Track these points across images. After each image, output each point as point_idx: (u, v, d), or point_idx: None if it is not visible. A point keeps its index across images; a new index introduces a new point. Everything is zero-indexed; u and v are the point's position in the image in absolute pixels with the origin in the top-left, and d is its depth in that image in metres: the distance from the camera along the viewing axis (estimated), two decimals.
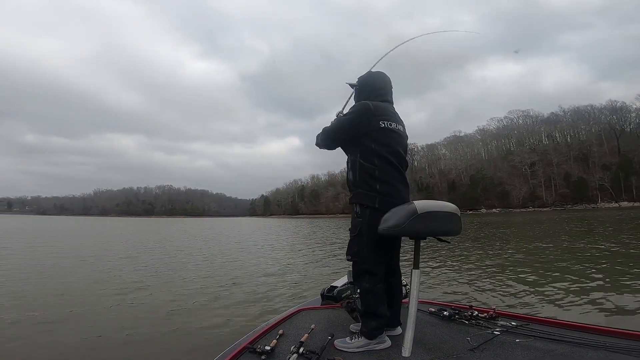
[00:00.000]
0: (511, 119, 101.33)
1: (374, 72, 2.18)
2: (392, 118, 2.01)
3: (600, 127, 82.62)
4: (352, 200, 2.00)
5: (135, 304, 5.12)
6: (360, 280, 1.92)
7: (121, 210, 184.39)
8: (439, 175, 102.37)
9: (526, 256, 9.04)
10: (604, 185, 70.89)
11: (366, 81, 2.14)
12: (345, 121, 2.02)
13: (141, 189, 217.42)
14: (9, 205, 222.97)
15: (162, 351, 3.45)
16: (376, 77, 2.14)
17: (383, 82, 2.13)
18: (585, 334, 1.80)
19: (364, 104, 1.98)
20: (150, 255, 11.40)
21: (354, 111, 2.00)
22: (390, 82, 2.17)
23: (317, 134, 2.16)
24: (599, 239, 12.37)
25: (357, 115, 1.97)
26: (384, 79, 2.15)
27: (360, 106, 1.99)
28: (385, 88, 2.12)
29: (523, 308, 4.44)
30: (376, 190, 1.90)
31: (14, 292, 5.75)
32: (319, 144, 2.17)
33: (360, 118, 1.95)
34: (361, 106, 1.98)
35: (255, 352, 1.67)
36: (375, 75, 2.16)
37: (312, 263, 9.28)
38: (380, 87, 2.11)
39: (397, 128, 2.02)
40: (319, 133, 2.14)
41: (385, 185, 1.91)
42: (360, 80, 2.17)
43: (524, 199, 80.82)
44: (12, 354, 3.35)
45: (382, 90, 2.11)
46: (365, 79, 2.15)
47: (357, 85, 2.17)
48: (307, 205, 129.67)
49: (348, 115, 2.01)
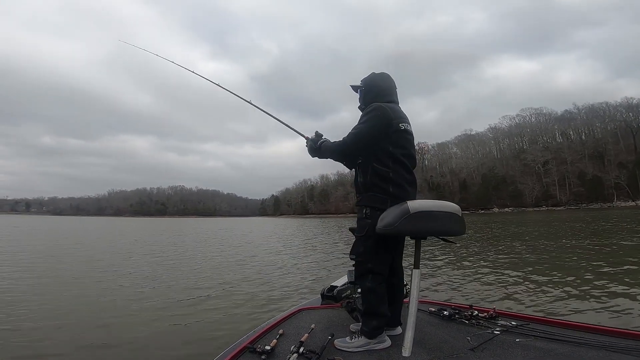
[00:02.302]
0: (523, 117, 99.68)
1: (378, 73, 2.16)
2: (405, 119, 2.03)
3: (616, 124, 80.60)
4: (361, 202, 2.01)
5: (135, 305, 5.13)
6: (364, 279, 1.92)
7: (135, 211, 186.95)
8: (450, 174, 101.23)
9: (527, 255, 8.92)
10: (620, 184, 69.19)
11: (372, 82, 2.13)
12: (368, 128, 1.96)
13: (154, 190, 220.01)
14: (27, 206, 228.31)
15: (162, 351, 3.45)
16: (381, 78, 2.14)
17: (388, 83, 2.13)
18: (585, 334, 1.80)
19: (381, 108, 1.97)
20: (162, 255, 11.56)
21: (373, 116, 1.95)
22: (394, 82, 2.16)
23: (333, 149, 2.11)
24: (607, 238, 12.13)
25: (378, 119, 1.94)
26: (389, 79, 2.14)
27: (378, 110, 1.96)
28: (390, 89, 2.12)
29: (523, 308, 4.39)
30: (389, 193, 1.92)
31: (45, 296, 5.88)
32: (340, 159, 2.16)
33: (381, 121, 1.94)
34: (379, 110, 1.96)
35: (256, 352, 1.68)
36: (380, 76, 2.15)
37: (312, 263, 9.26)
38: (387, 87, 2.11)
39: (410, 129, 2.04)
40: (335, 148, 2.09)
41: (398, 188, 1.93)
42: (365, 82, 2.15)
43: (537, 198, 79.44)
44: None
45: (388, 90, 2.11)
46: (370, 80, 2.14)
47: (363, 87, 2.16)
48: (316, 204, 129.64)
49: (368, 122, 1.96)
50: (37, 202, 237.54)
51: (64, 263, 9.21)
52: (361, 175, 2.03)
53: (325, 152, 2.13)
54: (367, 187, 1.98)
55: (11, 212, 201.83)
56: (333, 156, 2.12)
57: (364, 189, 2.00)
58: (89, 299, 5.38)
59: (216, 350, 1.77)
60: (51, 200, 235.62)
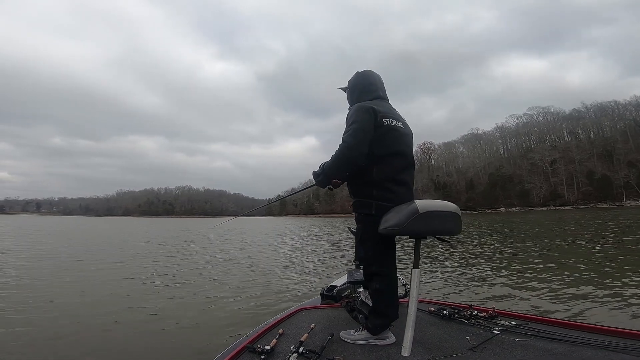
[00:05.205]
0: (531, 116, 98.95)
1: (361, 71, 2.12)
2: (391, 115, 1.92)
3: (626, 123, 79.54)
4: (352, 207, 1.99)
5: (134, 303, 5.17)
6: (370, 282, 1.92)
7: (143, 211, 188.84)
8: (456, 173, 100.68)
9: (527, 255, 8.88)
10: (630, 183, 68.21)
11: (355, 81, 2.10)
12: (361, 123, 1.83)
13: (162, 190, 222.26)
14: (37, 206, 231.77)
15: (162, 351, 3.46)
16: (364, 76, 2.09)
17: (372, 79, 2.08)
18: (585, 333, 1.78)
19: (361, 105, 1.90)
20: (169, 254, 11.64)
21: (358, 112, 1.85)
22: (380, 78, 2.11)
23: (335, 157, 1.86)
24: (610, 238, 12.03)
25: (363, 113, 1.84)
26: (372, 76, 2.09)
27: (360, 108, 1.87)
28: (375, 84, 2.06)
29: (523, 307, 4.37)
30: (372, 196, 1.87)
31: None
32: (347, 164, 1.86)
33: (369, 115, 1.84)
34: (361, 107, 1.88)
35: (255, 352, 1.68)
36: (363, 74, 2.11)
37: (312, 263, 9.29)
38: (370, 83, 2.06)
39: (397, 125, 1.92)
40: (337, 155, 1.85)
41: (382, 191, 1.86)
42: (349, 83, 2.13)
43: (544, 197, 78.70)
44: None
45: (373, 86, 2.05)
46: (354, 79, 2.11)
47: (348, 87, 2.14)
48: (322, 204, 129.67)
49: (357, 120, 1.83)
50: (48, 202, 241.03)
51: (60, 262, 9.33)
52: (347, 180, 1.99)
53: (332, 167, 1.89)
54: (353, 192, 1.96)
55: (22, 212, 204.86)
56: (339, 164, 1.86)
57: (352, 194, 1.98)
58: (88, 299, 5.42)
59: (216, 350, 1.77)
60: (61, 201, 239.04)
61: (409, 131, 2.03)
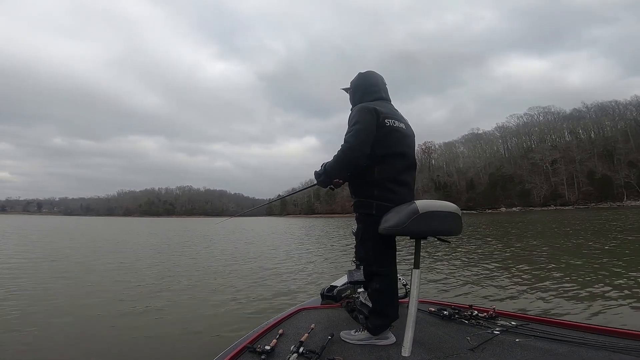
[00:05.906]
0: (531, 116, 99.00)
1: (364, 72, 2.11)
2: (393, 116, 1.92)
3: (626, 123, 79.52)
4: (353, 207, 1.99)
5: (135, 303, 5.17)
6: (370, 282, 1.92)
7: (143, 211, 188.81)
8: (457, 173, 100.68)
9: (527, 255, 8.89)
10: (630, 183, 68.16)
11: (357, 82, 2.09)
12: (363, 123, 1.82)
13: (162, 190, 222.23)
14: (38, 206, 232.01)
15: (162, 351, 3.46)
16: (366, 77, 2.09)
17: (374, 80, 2.07)
18: (585, 334, 1.78)
19: (363, 105, 1.89)
20: (172, 254, 11.65)
21: (360, 113, 1.85)
22: (383, 79, 2.10)
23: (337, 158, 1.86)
24: (610, 238, 12.02)
25: (366, 114, 1.84)
26: (375, 76, 2.08)
27: (362, 109, 1.87)
28: (377, 85, 2.05)
29: (523, 308, 4.36)
30: (373, 196, 1.86)
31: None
32: (349, 164, 1.85)
33: (371, 115, 1.83)
34: (363, 108, 1.87)
35: (255, 352, 1.67)
36: (365, 75, 2.10)
37: (312, 263, 9.29)
38: (372, 84, 2.05)
39: (399, 126, 1.92)
40: (339, 155, 1.84)
41: (383, 190, 1.86)
42: (351, 83, 2.12)
43: (545, 197, 78.66)
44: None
45: (375, 87, 2.04)
46: (356, 80, 2.10)
47: (350, 88, 2.13)
48: (322, 204, 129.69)
49: (359, 120, 1.83)
50: (48, 202, 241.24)
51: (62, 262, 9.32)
52: (349, 180, 1.99)
53: (333, 167, 1.88)
54: (354, 192, 1.96)
55: (23, 212, 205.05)
56: (341, 164, 1.84)
57: (353, 193, 1.98)
58: (88, 299, 5.44)
59: (216, 350, 1.77)
60: (62, 201, 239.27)
61: (411, 132, 2.03)
